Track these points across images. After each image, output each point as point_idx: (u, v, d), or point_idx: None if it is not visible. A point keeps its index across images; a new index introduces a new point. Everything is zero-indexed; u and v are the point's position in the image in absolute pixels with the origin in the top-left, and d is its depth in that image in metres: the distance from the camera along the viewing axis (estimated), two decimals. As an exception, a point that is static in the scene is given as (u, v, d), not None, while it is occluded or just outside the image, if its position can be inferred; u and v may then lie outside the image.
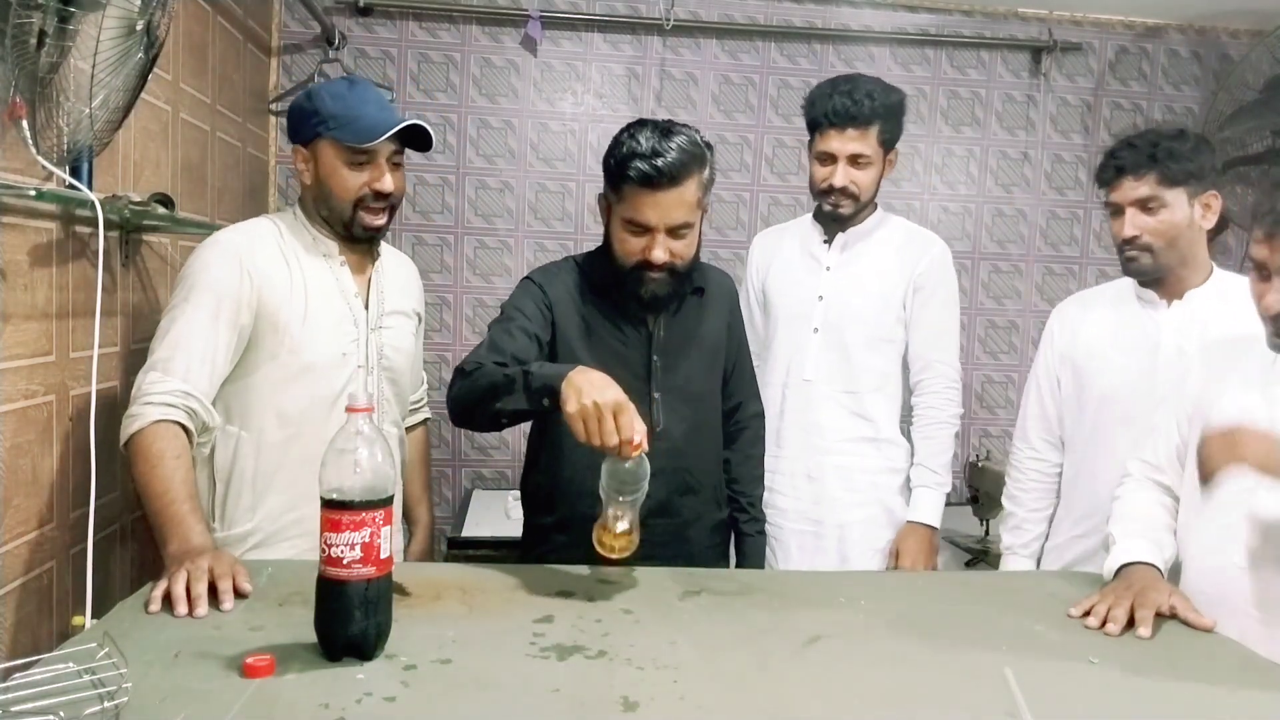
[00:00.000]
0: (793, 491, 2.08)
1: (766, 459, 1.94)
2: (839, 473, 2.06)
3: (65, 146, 1.43)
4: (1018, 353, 3.24)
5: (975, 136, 3.16)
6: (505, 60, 2.97)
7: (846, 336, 2.06)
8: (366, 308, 1.69)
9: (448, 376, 3.01)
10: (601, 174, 1.66)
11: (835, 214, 2.06)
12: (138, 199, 1.72)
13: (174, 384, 1.49)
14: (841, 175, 2.00)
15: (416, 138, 1.64)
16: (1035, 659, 1.18)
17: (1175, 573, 1.43)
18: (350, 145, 1.58)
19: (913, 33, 3.08)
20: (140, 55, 1.44)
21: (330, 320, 1.64)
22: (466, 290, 3.02)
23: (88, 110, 1.40)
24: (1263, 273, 1.28)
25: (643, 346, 1.71)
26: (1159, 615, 1.29)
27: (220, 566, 1.29)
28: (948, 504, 3.15)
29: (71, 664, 1.00)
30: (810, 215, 2.20)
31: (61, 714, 0.88)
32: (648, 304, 1.67)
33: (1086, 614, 1.33)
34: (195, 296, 1.54)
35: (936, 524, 2.06)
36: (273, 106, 2.84)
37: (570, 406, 1.30)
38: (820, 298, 2.08)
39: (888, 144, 2.03)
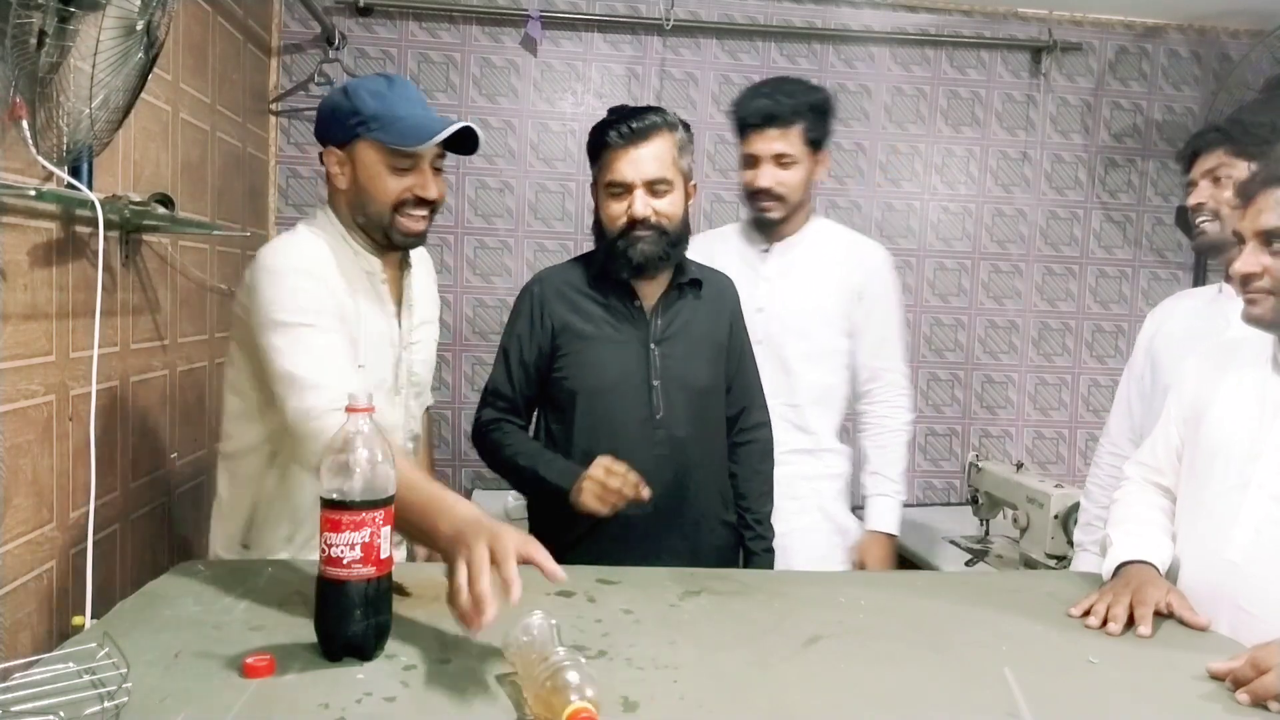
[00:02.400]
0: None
1: None
2: (781, 482, 1.96)
3: (65, 146, 1.43)
4: (1017, 353, 3.24)
5: (975, 136, 3.16)
6: (505, 60, 2.97)
7: (787, 350, 2.03)
8: (399, 324, 1.59)
9: (447, 377, 3.02)
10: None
11: (765, 218, 2.04)
12: (138, 199, 1.72)
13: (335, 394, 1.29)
14: (767, 176, 1.99)
15: (459, 140, 1.51)
16: (1035, 659, 1.18)
17: (1173, 574, 1.43)
18: (394, 148, 1.46)
19: (913, 33, 3.08)
20: (140, 55, 1.44)
21: (376, 343, 1.53)
22: (467, 290, 3.02)
23: (88, 110, 1.40)
24: (1239, 240, 1.33)
25: (641, 337, 1.74)
26: (1156, 614, 1.30)
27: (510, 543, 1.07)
28: (948, 504, 3.18)
29: (71, 664, 1.00)
30: (743, 222, 2.19)
31: (61, 714, 0.88)
32: (639, 266, 1.69)
33: (1086, 614, 1.33)
34: (313, 319, 1.39)
35: (896, 531, 2.06)
36: (273, 106, 2.84)
37: (583, 500, 1.60)
38: (760, 310, 2.03)
39: (815, 143, 2.01)
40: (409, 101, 1.49)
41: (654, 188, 1.68)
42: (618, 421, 1.71)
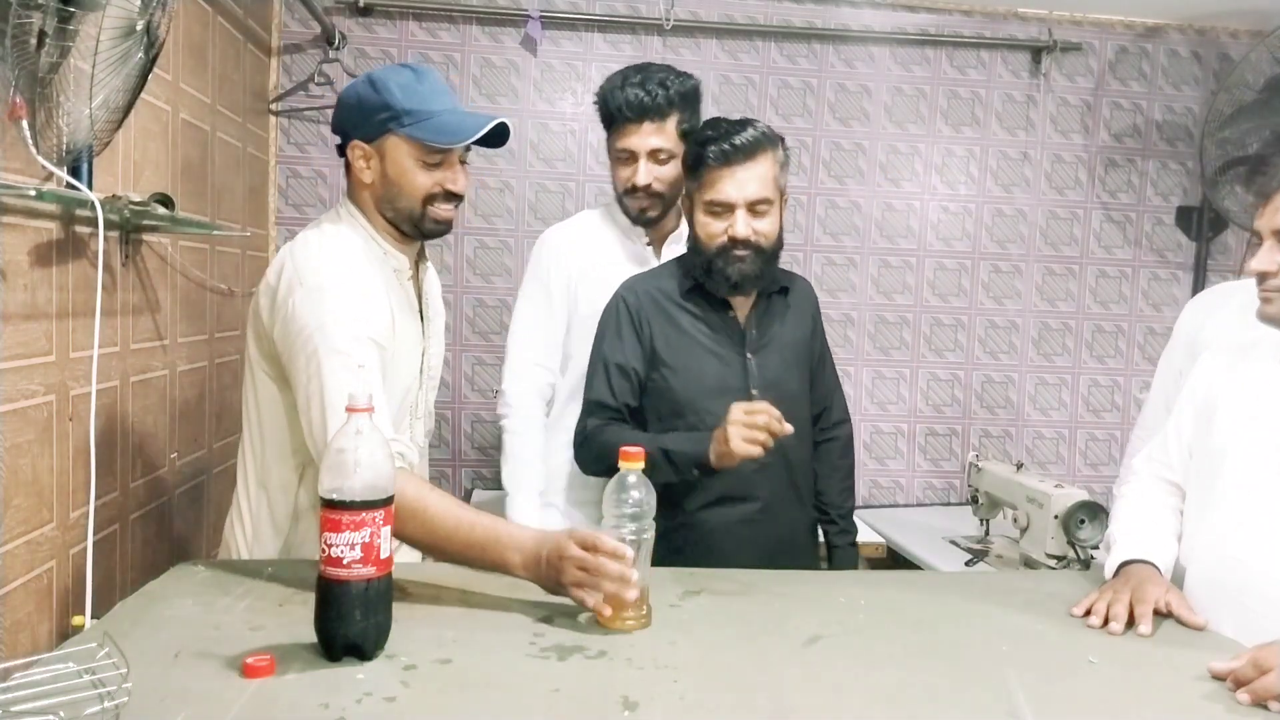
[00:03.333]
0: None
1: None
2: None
3: (65, 146, 1.43)
4: (1018, 353, 3.24)
5: (975, 136, 3.16)
6: (505, 60, 2.97)
7: None
8: (421, 319, 1.60)
9: (446, 376, 3.01)
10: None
11: (643, 217, 1.96)
12: (138, 199, 1.72)
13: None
14: (644, 173, 1.89)
15: (488, 135, 1.48)
16: (1035, 659, 1.18)
17: (1179, 572, 1.44)
18: (429, 144, 1.45)
19: (913, 33, 3.08)
20: (140, 55, 1.44)
21: (409, 342, 1.53)
22: (466, 290, 3.02)
23: (88, 110, 1.40)
24: (1258, 238, 1.34)
25: (737, 346, 1.77)
26: (1156, 612, 1.30)
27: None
28: (948, 504, 3.18)
29: (71, 664, 1.00)
30: (603, 210, 2.08)
31: (61, 714, 0.88)
32: (737, 284, 1.71)
33: (1088, 613, 1.33)
34: (356, 351, 1.36)
35: None
36: (273, 106, 2.84)
37: (735, 447, 1.52)
38: None
39: (686, 135, 1.87)
40: (440, 94, 1.47)
41: (755, 208, 1.68)
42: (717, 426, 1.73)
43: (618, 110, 1.89)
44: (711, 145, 1.67)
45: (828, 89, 3.09)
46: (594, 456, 1.75)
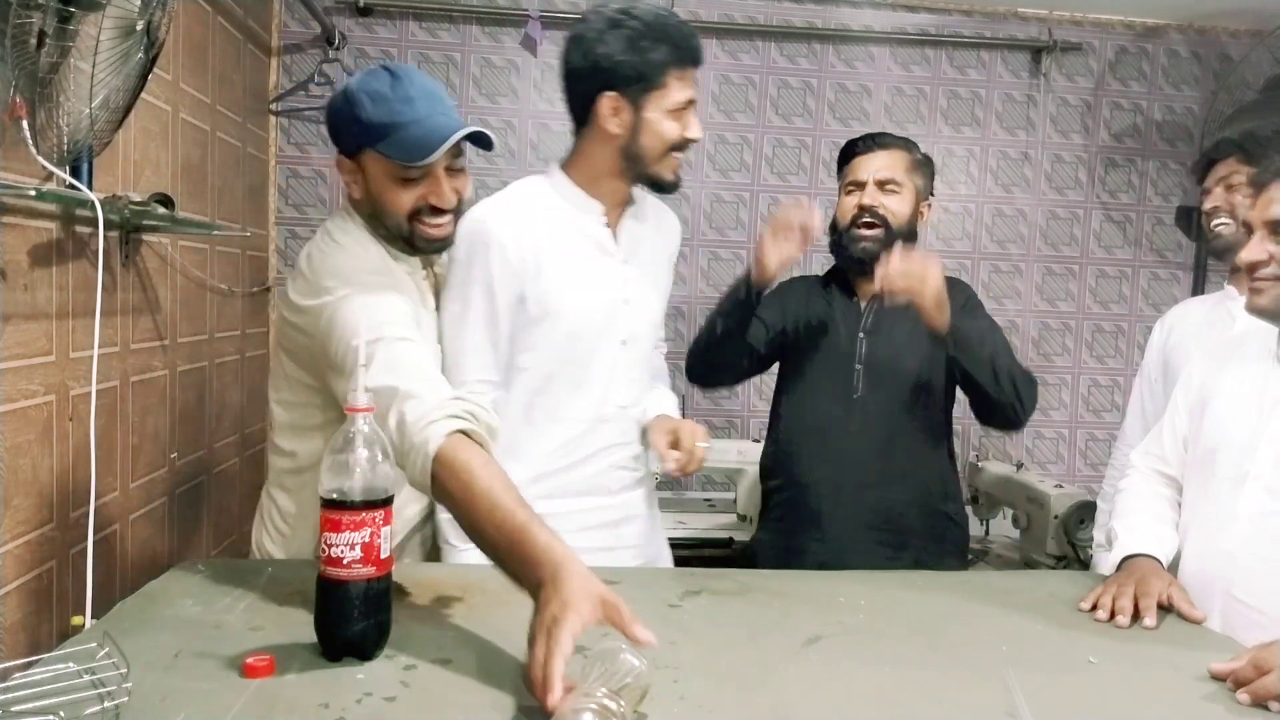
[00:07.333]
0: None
1: (582, 514, 1.61)
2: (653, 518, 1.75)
3: (65, 146, 1.43)
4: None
5: (975, 136, 3.16)
6: (505, 60, 2.97)
7: (646, 345, 1.71)
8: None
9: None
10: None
11: (677, 181, 1.62)
12: (138, 199, 1.72)
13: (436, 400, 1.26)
14: (696, 124, 1.61)
15: (474, 135, 1.41)
16: (1035, 659, 1.18)
17: (1176, 564, 1.45)
18: (397, 161, 1.38)
19: (913, 33, 3.08)
20: (140, 55, 1.44)
21: (426, 336, 1.49)
22: (466, 290, 3.01)
23: (88, 110, 1.40)
24: (1249, 230, 1.36)
25: (852, 323, 1.95)
26: (1158, 606, 1.31)
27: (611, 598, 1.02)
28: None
29: (71, 664, 1.00)
30: (552, 179, 1.63)
31: (61, 714, 0.88)
32: (861, 261, 1.89)
33: (1094, 608, 1.34)
34: (395, 331, 1.32)
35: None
36: (273, 106, 2.84)
37: (764, 250, 1.76)
38: (626, 301, 1.63)
39: None
40: (412, 104, 1.38)
41: (884, 186, 1.88)
42: (820, 396, 1.94)
43: (689, 51, 1.54)
44: (855, 142, 1.95)
45: (828, 89, 3.09)
46: (701, 361, 1.96)
